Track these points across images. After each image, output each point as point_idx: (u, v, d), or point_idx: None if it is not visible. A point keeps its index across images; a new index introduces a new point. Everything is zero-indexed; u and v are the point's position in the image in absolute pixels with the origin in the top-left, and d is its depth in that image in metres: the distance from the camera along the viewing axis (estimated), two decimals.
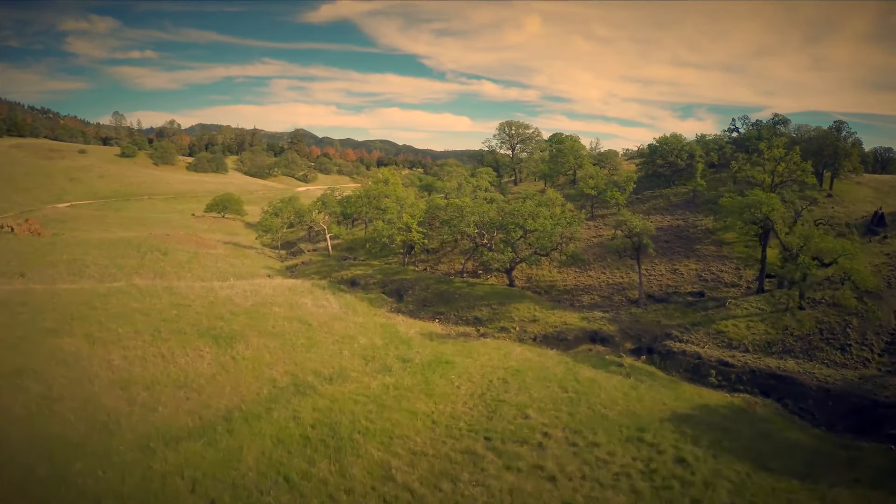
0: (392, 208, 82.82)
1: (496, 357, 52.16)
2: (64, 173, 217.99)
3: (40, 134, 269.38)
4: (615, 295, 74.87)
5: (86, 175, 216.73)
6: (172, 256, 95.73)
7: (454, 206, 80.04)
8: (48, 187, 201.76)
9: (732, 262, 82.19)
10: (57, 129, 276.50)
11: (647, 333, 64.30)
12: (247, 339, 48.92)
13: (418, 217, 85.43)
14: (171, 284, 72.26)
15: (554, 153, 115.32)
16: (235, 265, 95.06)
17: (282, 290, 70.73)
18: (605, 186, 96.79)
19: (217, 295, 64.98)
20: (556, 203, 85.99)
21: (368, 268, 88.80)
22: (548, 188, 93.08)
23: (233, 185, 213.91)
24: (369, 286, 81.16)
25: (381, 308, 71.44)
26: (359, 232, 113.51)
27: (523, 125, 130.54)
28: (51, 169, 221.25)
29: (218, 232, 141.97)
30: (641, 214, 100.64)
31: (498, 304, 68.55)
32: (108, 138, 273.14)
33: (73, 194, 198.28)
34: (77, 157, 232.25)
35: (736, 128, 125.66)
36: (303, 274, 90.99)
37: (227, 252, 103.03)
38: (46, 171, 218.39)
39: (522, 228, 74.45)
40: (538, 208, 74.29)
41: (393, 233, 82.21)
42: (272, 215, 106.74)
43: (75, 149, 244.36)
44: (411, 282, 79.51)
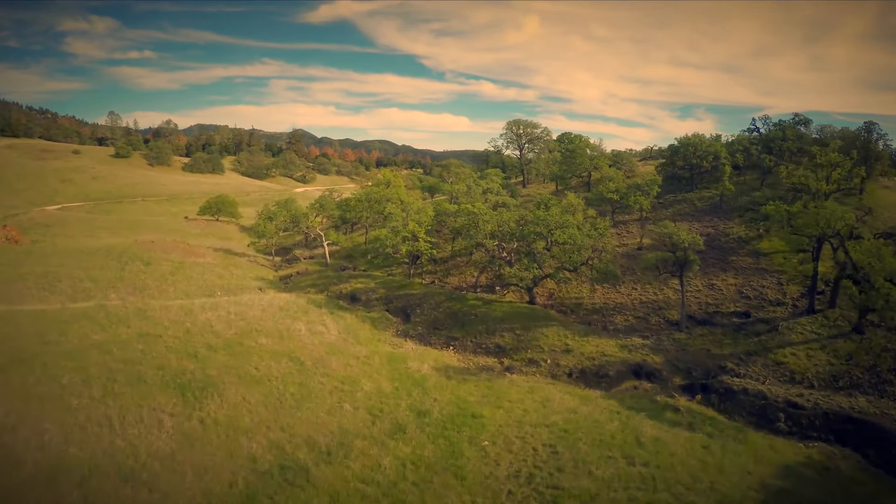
0: (396, 215, 71.67)
1: (532, 407, 40.70)
2: (56, 174, 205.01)
3: (34, 134, 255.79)
4: (651, 315, 63.56)
5: (78, 176, 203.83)
6: (155, 267, 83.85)
7: (467, 213, 68.44)
8: (39, 189, 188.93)
9: (773, 275, 71.16)
10: (52, 130, 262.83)
11: (697, 365, 53.21)
12: (222, 390, 37.26)
13: (426, 224, 73.92)
14: (145, 305, 60.50)
15: (567, 154, 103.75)
16: (224, 276, 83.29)
17: (272, 311, 59.08)
18: (626, 190, 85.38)
19: (195, 320, 53.23)
20: (577, 209, 74.54)
21: (370, 280, 77.15)
22: (569, 194, 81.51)
23: (229, 186, 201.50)
24: (371, 302, 69.58)
25: (386, 331, 59.89)
26: (358, 238, 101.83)
27: (531, 124, 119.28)
28: (43, 170, 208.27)
29: (210, 236, 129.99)
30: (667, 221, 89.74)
31: (521, 328, 57.07)
32: (103, 138, 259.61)
33: (65, 196, 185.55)
34: (70, 158, 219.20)
35: (757, 128, 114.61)
36: (298, 286, 79.29)
37: (217, 261, 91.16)
38: (38, 172, 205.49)
39: (546, 239, 62.95)
40: (564, 216, 62.80)
41: (397, 242, 70.70)
42: (266, 220, 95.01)
43: (69, 149, 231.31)
44: (419, 298, 67.93)
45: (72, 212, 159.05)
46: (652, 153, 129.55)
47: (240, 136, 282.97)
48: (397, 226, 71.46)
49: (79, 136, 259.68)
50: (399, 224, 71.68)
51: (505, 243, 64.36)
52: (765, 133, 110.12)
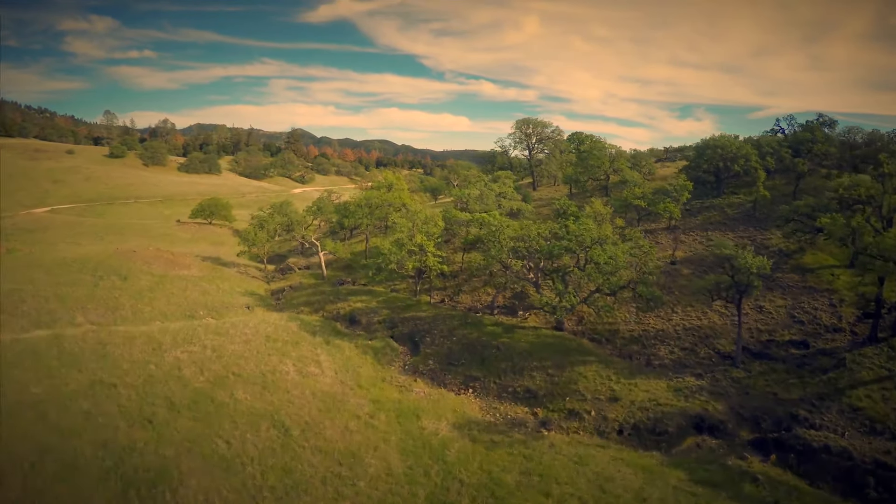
0: (401, 225, 60.60)
1: (588, 489, 29.86)
2: (48, 175, 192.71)
3: (30, 134, 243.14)
4: (699, 346, 52.79)
5: (71, 177, 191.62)
6: (133, 282, 72.66)
7: (485, 224, 57.45)
8: (30, 190, 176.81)
9: (823, 295, 60.66)
10: (47, 129, 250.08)
11: (765, 413, 42.81)
12: (178, 484, 26.30)
13: (436, 237, 62.85)
14: (109, 336, 49.43)
15: (583, 155, 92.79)
16: (209, 292, 72.12)
17: (256, 343, 48.11)
18: (653, 196, 74.62)
19: (161, 361, 42.22)
20: (605, 218, 63.73)
21: (371, 298, 66.15)
22: (594, 201, 70.52)
23: (225, 187, 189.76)
24: (373, 326, 58.61)
25: (391, 366, 48.98)
26: (358, 245, 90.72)
27: (542, 123, 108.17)
28: (35, 170, 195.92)
29: (201, 241, 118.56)
30: (697, 230, 79.04)
31: (554, 365, 46.22)
32: (99, 138, 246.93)
33: (56, 197, 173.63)
34: (63, 158, 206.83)
35: (781, 129, 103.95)
36: (290, 304, 68.19)
37: (202, 273, 79.92)
38: (30, 173, 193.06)
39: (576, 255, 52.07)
40: (602, 230, 51.88)
41: (403, 257, 59.67)
42: (257, 227, 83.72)
43: (63, 149, 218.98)
44: (428, 322, 57.02)
45: (61, 215, 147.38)
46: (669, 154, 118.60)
47: (238, 135, 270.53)
48: (402, 238, 60.36)
49: (74, 135, 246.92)
50: (404, 236, 60.59)
51: (534, 263, 53.21)
52: (790, 134, 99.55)
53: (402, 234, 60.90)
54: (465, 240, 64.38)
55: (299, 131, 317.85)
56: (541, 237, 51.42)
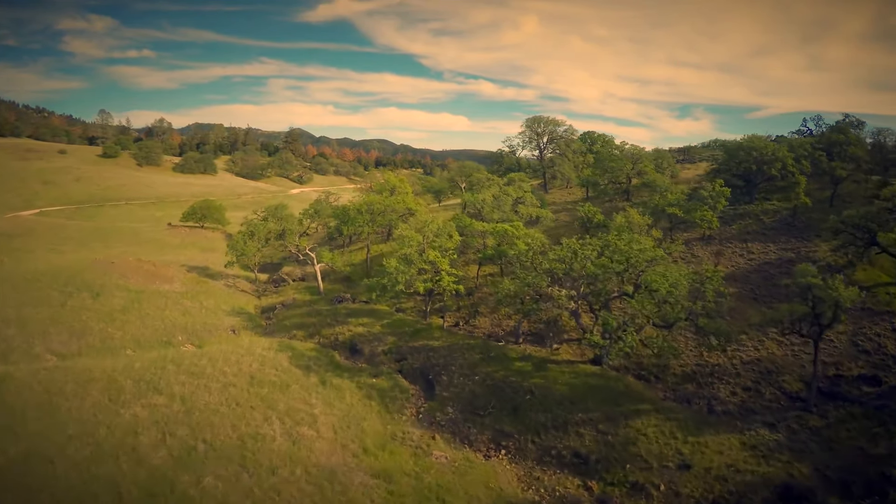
0: (410, 238, 50.49)
1: None
2: (38, 176, 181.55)
3: (23, 133, 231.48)
4: (762, 384, 43.26)
5: (62, 178, 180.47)
6: (106, 300, 62.67)
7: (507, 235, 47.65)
8: (19, 191, 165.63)
9: (883, 318, 51.35)
10: (41, 129, 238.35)
11: (854, 475, 33.83)
12: None
13: (451, 252, 52.91)
14: (63, 376, 39.59)
15: (603, 156, 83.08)
16: (191, 311, 62.13)
17: (238, 388, 38.34)
18: (688, 203, 65.15)
19: (115, 423, 32.34)
20: (642, 229, 54.14)
21: (374, 319, 56.34)
22: (630, 209, 60.66)
23: (221, 188, 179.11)
24: (377, 357, 48.81)
25: (401, 414, 39.27)
26: (358, 253, 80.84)
27: (554, 121, 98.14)
28: (25, 171, 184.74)
29: (191, 247, 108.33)
30: (735, 241, 69.36)
31: (604, 418, 36.60)
32: (94, 138, 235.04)
33: (46, 199, 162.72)
34: (55, 158, 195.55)
35: (809, 130, 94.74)
36: (282, 326, 58.21)
37: (186, 286, 69.84)
38: (20, 174, 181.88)
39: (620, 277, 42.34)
40: (655, 250, 42.14)
41: (412, 276, 49.85)
42: (247, 235, 73.60)
43: (55, 149, 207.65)
44: (443, 353, 47.28)
45: (49, 217, 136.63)
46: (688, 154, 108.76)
47: (235, 135, 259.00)
48: (411, 254, 50.45)
49: (67, 135, 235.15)
50: (413, 251, 50.67)
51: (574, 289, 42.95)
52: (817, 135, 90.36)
53: (411, 248, 50.96)
54: (484, 254, 54.54)
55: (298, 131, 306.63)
56: (588, 260, 41.24)
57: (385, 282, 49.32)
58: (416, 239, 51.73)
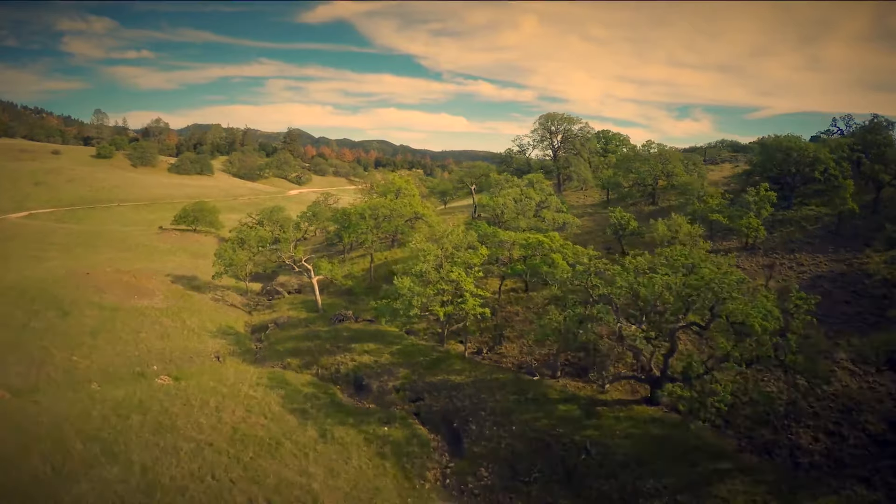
0: (427, 252, 40.91)
1: None
2: (30, 176, 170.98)
3: (17, 133, 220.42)
4: (843, 425, 34.09)
5: (54, 179, 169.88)
6: (75, 319, 53.06)
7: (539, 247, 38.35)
8: (10, 193, 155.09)
9: None
10: (35, 129, 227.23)
11: None
12: None
13: (476, 270, 43.30)
14: (2, 426, 30.20)
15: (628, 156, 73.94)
16: (171, 333, 52.52)
17: (216, 448, 29.06)
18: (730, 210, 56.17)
19: None
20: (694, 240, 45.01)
21: (381, 345, 46.86)
22: (677, 216, 51.41)
23: (217, 189, 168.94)
24: (387, 395, 39.44)
25: (423, 479, 29.95)
26: (360, 262, 71.37)
27: (569, 119, 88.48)
28: (17, 172, 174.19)
29: (181, 253, 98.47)
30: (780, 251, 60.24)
31: (681, 484, 27.44)
32: (90, 138, 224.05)
33: (37, 200, 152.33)
34: (48, 159, 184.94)
35: (840, 129, 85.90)
36: (275, 352, 48.58)
37: (168, 302, 60.22)
38: (12, 175, 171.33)
39: (685, 304, 33.04)
40: (731, 271, 32.99)
41: (429, 299, 40.43)
42: (236, 244, 64.02)
43: (49, 149, 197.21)
44: (468, 393, 37.95)
45: (37, 220, 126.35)
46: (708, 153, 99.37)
47: (233, 135, 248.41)
48: (427, 270, 41.00)
49: (62, 135, 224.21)
50: (430, 267, 41.20)
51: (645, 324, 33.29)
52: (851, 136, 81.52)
53: (427, 264, 41.44)
54: (511, 269, 45.03)
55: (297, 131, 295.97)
56: (669, 288, 31.57)
57: (397, 305, 39.85)
58: (433, 252, 42.18)
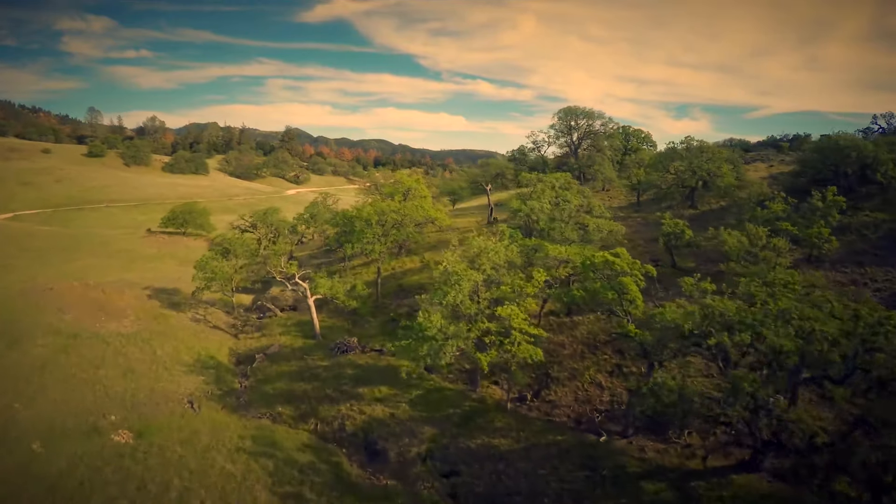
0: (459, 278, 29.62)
1: None
2: (19, 176, 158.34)
3: (9, 132, 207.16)
4: None
5: (42, 178, 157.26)
6: (26, 349, 41.74)
7: (619, 276, 27.46)
8: None
9: None
10: (27, 127, 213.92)
11: None
12: None
13: (527, 299, 31.94)
14: None
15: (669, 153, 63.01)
16: (138, 368, 41.34)
17: None
18: (796, 216, 45.53)
19: None
20: (781, 252, 34.33)
21: (397, 389, 35.75)
22: (753, 227, 40.69)
23: (211, 189, 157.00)
24: (411, 467, 28.47)
25: None
26: (365, 273, 60.20)
27: (592, 113, 77.55)
28: (5, 171, 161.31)
29: (167, 259, 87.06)
30: (847, 264, 49.59)
31: None
32: (84, 137, 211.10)
33: (24, 201, 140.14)
34: (38, 158, 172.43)
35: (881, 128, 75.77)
36: (263, 395, 37.43)
37: (140, 324, 48.87)
38: None
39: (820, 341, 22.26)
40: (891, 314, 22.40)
41: (464, 341, 29.19)
42: (218, 254, 52.57)
43: (39, 148, 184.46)
44: (521, 468, 27.02)
45: (21, 223, 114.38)
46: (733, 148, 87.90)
47: (230, 133, 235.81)
48: (462, 300, 29.71)
49: (55, 133, 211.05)
50: (464, 296, 29.88)
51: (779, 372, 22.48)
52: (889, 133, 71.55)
53: (461, 292, 30.09)
54: (568, 297, 33.55)
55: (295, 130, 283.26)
56: (820, 338, 21.00)
57: (423, 352, 28.73)
58: (468, 278, 30.81)
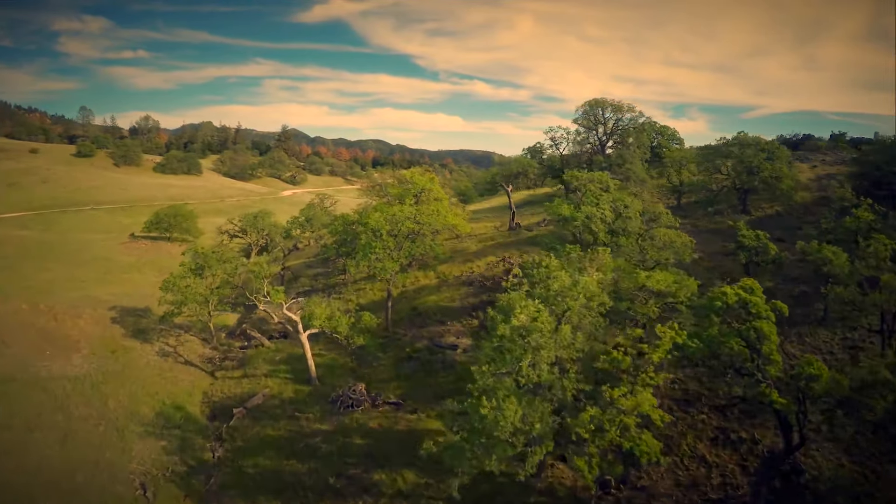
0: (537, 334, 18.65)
1: None
2: (3, 178, 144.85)
3: None
4: None
5: (28, 179, 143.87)
6: None
7: (753, 319, 17.13)
8: None
9: None
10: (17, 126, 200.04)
11: None
12: None
13: (651, 370, 19.99)
14: None
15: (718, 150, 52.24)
16: (80, 431, 30.06)
17: None
18: None
19: None
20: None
21: (429, 476, 24.72)
22: (875, 236, 30.33)
23: (204, 189, 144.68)
24: None
25: None
26: (370, 293, 49.02)
27: (621, 106, 66.22)
28: None
29: (146, 269, 75.01)
30: None
31: None
32: (75, 136, 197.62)
33: (7, 204, 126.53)
34: (25, 158, 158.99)
35: None
36: (241, 478, 26.25)
37: (94, 361, 37.46)
38: None
39: None
40: None
41: (540, 435, 18.05)
42: (192, 272, 40.98)
43: (27, 148, 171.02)
44: None
45: None
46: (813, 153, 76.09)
47: (225, 133, 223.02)
48: (542, 374, 18.35)
49: (45, 133, 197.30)
50: (543, 359, 18.62)
51: None
52: None
53: (541, 357, 18.73)
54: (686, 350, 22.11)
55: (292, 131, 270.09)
56: None
57: (492, 463, 17.59)
58: (540, 331, 19.21)
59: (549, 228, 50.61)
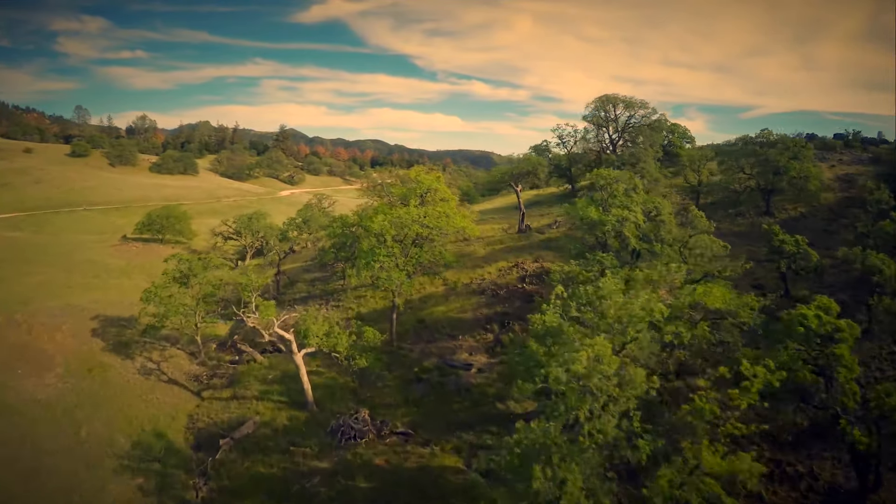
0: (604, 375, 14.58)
1: None
2: None
3: None
4: None
5: (20, 180, 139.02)
6: None
7: None
8: None
9: None
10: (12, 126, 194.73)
11: None
12: None
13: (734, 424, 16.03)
14: None
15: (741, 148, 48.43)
16: (48, 465, 26.00)
17: None
18: None
19: None
20: None
21: None
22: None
23: (200, 190, 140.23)
24: None
25: None
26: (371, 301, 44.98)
27: (633, 102, 62.58)
28: None
29: (135, 274, 70.48)
30: None
31: None
32: (71, 136, 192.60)
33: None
34: (19, 158, 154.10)
35: None
36: None
37: (68, 380, 33.39)
38: None
39: None
40: None
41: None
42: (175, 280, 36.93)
43: (21, 147, 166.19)
44: None
45: None
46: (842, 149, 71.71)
47: (223, 133, 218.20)
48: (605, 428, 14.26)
49: (40, 132, 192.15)
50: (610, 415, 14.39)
51: None
52: None
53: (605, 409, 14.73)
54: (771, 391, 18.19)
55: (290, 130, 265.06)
56: None
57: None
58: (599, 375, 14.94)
59: (562, 231, 46.65)
